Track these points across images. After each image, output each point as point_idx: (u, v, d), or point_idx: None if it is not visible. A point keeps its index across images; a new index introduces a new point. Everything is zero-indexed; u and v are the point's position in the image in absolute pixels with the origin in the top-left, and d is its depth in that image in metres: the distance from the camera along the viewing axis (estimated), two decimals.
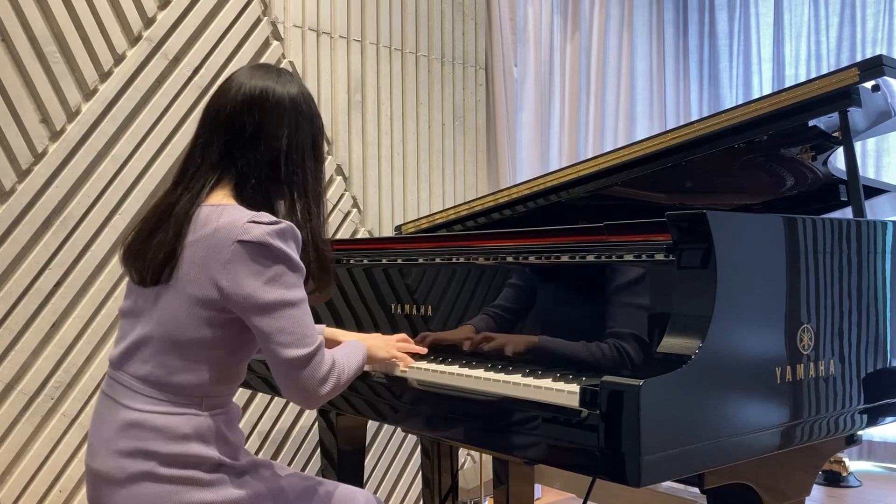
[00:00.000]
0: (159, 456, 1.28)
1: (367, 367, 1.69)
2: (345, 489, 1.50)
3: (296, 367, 1.28)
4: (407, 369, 1.63)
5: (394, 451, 3.17)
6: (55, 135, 2.37)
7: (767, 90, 4.36)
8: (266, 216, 1.30)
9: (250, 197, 1.37)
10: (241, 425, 2.52)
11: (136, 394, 1.32)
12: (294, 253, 1.30)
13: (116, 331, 1.43)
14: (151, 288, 1.33)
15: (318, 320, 2.11)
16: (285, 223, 1.31)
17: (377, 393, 1.66)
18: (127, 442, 1.30)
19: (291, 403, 2.84)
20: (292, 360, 1.27)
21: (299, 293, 1.30)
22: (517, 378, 1.38)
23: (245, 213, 1.30)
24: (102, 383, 1.41)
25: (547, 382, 1.33)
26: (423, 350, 1.72)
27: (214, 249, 1.27)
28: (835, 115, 1.72)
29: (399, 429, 3.09)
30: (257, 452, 2.76)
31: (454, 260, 1.76)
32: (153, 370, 1.31)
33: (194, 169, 1.38)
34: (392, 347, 1.66)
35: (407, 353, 1.69)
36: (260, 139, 1.36)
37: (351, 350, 1.47)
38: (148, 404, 1.31)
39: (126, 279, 1.42)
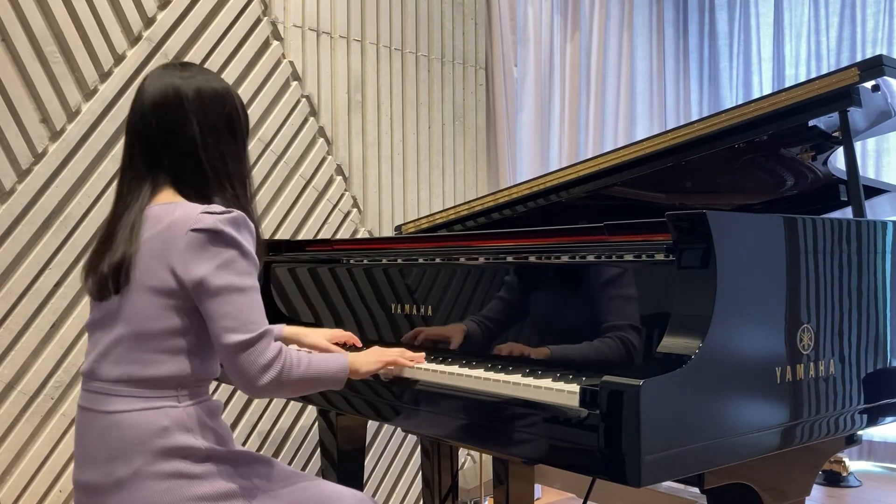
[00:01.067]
0: (144, 454, 1.28)
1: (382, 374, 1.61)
2: (340, 489, 1.50)
3: (236, 352, 1.28)
4: (413, 367, 1.58)
5: (394, 451, 3.17)
6: (55, 135, 2.37)
7: (767, 90, 4.36)
8: (218, 207, 1.34)
9: (191, 190, 1.39)
10: (240, 425, 2.51)
11: (111, 397, 1.32)
12: (246, 241, 1.33)
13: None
14: (114, 297, 1.35)
15: (318, 320, 2.12)
16: (237, 212, 1.34)
17: (377, 393, 1.66)
18: (110, 446, 1.30)
19: (292, 402, 2.84)
20: (233, 344, 1.28)
21: (249, 280, 1.32)
22: (517, 378, 1.38)
23: (198, 206, 1.34)
24: (79, 399, 1.40)
25: (547, 382, 1.33)
26: (422, 358, 1.63)
27: (170, 241, 1.31)
28: (835, 115, 1.71)
29: (399, 429, 3.09)
30: (257, 451, 2.76)
31: (454, 260, 1.76)
32: (126, 368, 1.32)
33: (129, 180, 1.41)
34: (384, 354, 1.57)
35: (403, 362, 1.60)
36: (174, 134, 1.39)
37: (321, 356, 1.43)
38: (124, 404, 1.31)
39: None
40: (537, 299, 1.59)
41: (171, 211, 1.34)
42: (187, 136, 1.39)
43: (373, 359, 1.54)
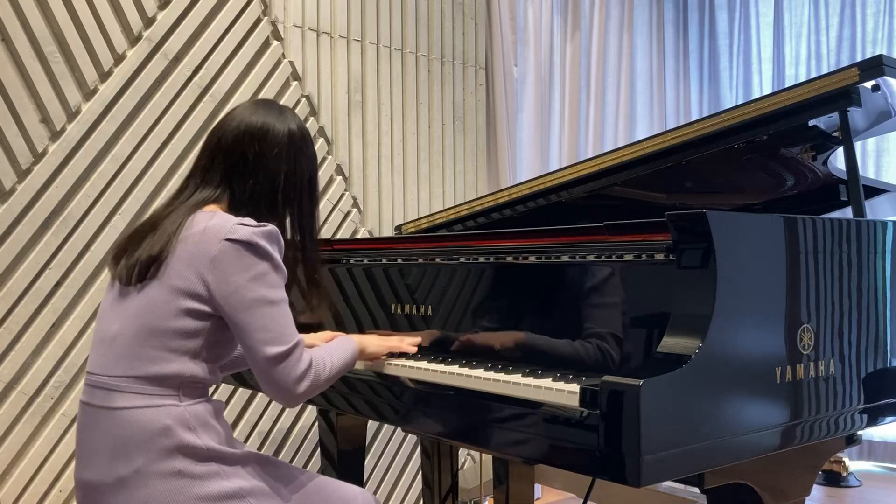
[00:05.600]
0: (146, 452, 1.28)
1: (360, 366, 1.69)
2: (343, 487, 1.50)
3: (272, 364, 1.31)
4: (410, 351, 1.66)
5: (394, 451, 3.17)
6: (55, 135, 2.37)
7: (767, 90, 4.36)
8: (251, 220, 1.37)
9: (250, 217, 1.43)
10: (240, 425, 2.52)
11: (112, 392, 1.33)
12: (277, 255, 1.37)
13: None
14: (135, 286, 1.37)
15: (318, 321, 2.11)
16: (271, 226, 1.37)
17: (377, 393, 1.66)
18: (111, 444, 1.30)
19: None
20: (269, 357, 1.31)
21: (280, 293, 1.35)
22: (517, 378, 1.38)
23: (233, 217, 1.37)
24: (81, 395, 1.41)
25: (547, 382, 1.33)
26: (418, 341, 1.73)
27: (202, 246, 1.33)
28: (835, 115, 1.71)
29: (399, 429, 3.09)
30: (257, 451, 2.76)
31: (454, 260, 1.76)
32: (130, 363, 1.33)
33: (193, 189, 1.46)
34: (388, 341, 1.68)
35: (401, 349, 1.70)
36: (259, 170, 1.44)
37: (336, 347, 1.49)
38: (125, 400, 1.32)
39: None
40: (537, 299, 1.59)
41: (208, 218, 1.37)
42: (272, 177, 1.45)
43: (377, 342, 1.65)
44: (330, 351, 1.45)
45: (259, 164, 1.44)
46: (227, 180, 1.44)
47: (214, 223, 1.35)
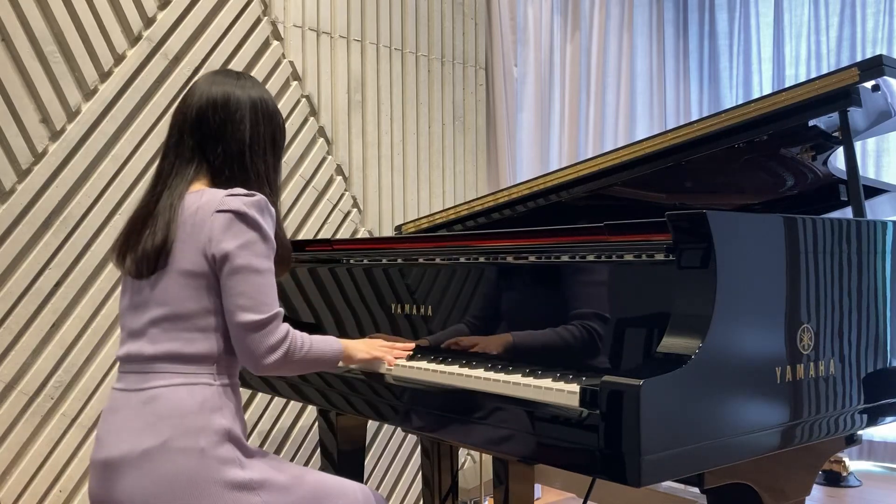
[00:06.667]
0: (174, 427, 1.32)
1: (358, 367, 1.69)
2: (346, 483, 1.51)
3: (248, 330, 1.35)
4: (392, 368, 1.64)
5: (394, 451, 3.17)
6: (55, 135, 2.37)
7: (767, 90, 4.36)
8: (241, 190, 1.41)
9: (225, 187, 1.46)
10: None
11: (149, 374, 1.37)
12: (267, 225, 1.40)
13: (118, 331, 1.47)
14: (148, 278, 1.40)
15: (318, 321, 2.12)
16: (259, 195, 1.41)
17: (377, 393, 1.66)
18: (142, 419, 1.34)
19: (292, 402, 2.84)
20: (246, 322, 1.35)
21: (267, 263, 1.39)
22: (517, 378, 1.38)
23: (222, 191, 1.41)
24: (114, 381, 1.44)
25: (547, 382, 1.33)
26: (411, 347, 1.72)
27: (198, 225, 1.38)
28: (835, 115, 1.71)
29: (399, 429, 3.09)
30: None
31: (454, 260, 1.76)
32: (165, 346, 1.37)
33: (170, 168, 1.49)
34: (374, 348, 1.67)
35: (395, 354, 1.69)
36: (226, 133, 1.47)
37: (320, 338, 1.51)
38: (163, 380, 1.36)
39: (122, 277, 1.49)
40: (537, 299, 1.59)
41: (198, 197, 1.41)
42: (239, 137, 1.47)
43: (365, 348, 1.66)
44: (312, 338, 1.48)
45: (225, 128, 1.47)
46: (201, 151, 1.47)
47: (205, 201, 1.39)
